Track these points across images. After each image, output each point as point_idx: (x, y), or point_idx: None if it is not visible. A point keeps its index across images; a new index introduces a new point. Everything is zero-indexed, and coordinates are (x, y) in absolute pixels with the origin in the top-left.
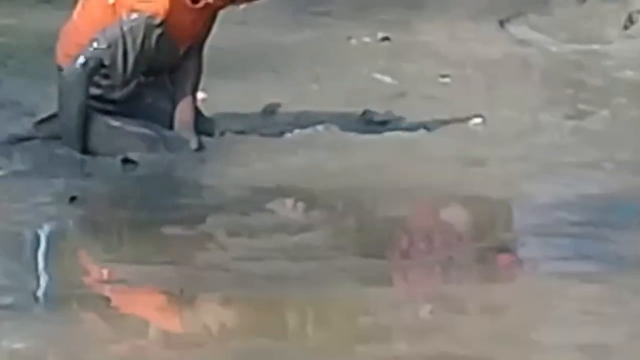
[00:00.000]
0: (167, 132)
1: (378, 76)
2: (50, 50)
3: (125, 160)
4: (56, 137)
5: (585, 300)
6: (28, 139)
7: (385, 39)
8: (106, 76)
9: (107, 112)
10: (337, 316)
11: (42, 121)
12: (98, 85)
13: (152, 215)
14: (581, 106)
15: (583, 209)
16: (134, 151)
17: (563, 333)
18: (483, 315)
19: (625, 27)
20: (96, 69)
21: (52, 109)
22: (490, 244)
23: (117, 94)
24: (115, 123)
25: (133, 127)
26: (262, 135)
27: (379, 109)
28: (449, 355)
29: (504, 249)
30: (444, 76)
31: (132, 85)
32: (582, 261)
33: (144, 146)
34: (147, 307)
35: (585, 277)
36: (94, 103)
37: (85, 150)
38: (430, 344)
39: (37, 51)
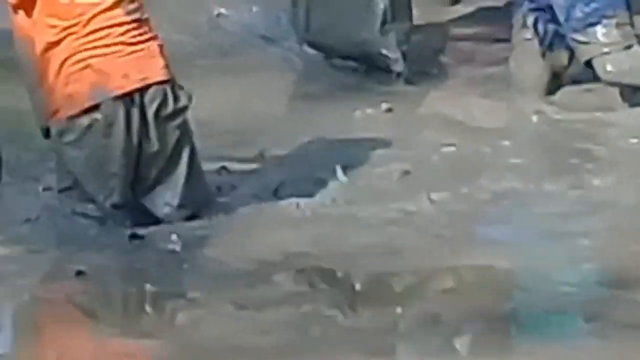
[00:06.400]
0: None
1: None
2: None
3: (133, 236)
4: None
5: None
6: None
7: (389, 110)
8: None
9: None
10: None
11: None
12: None
13: (156, 288)
14: (586, 176)
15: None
16: None
17: None
18: None
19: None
20: None
21: None
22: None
23: None
24: None
25: None
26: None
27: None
28: None
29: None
30: (447, 145)
31: None
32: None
33: None
34: None
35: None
36: None
37: None
38: None
39: None
